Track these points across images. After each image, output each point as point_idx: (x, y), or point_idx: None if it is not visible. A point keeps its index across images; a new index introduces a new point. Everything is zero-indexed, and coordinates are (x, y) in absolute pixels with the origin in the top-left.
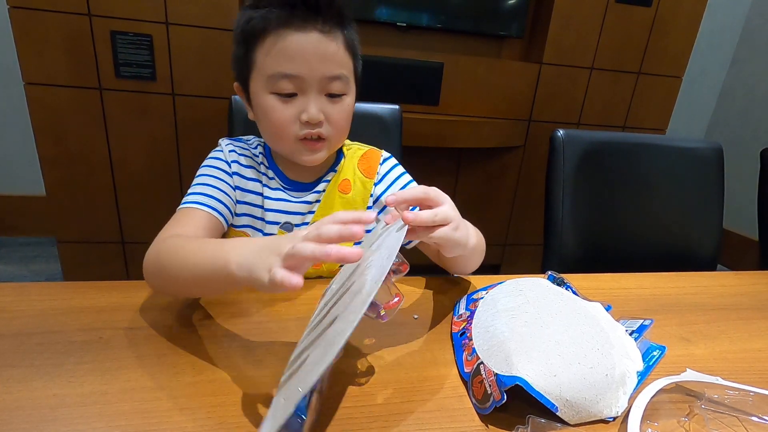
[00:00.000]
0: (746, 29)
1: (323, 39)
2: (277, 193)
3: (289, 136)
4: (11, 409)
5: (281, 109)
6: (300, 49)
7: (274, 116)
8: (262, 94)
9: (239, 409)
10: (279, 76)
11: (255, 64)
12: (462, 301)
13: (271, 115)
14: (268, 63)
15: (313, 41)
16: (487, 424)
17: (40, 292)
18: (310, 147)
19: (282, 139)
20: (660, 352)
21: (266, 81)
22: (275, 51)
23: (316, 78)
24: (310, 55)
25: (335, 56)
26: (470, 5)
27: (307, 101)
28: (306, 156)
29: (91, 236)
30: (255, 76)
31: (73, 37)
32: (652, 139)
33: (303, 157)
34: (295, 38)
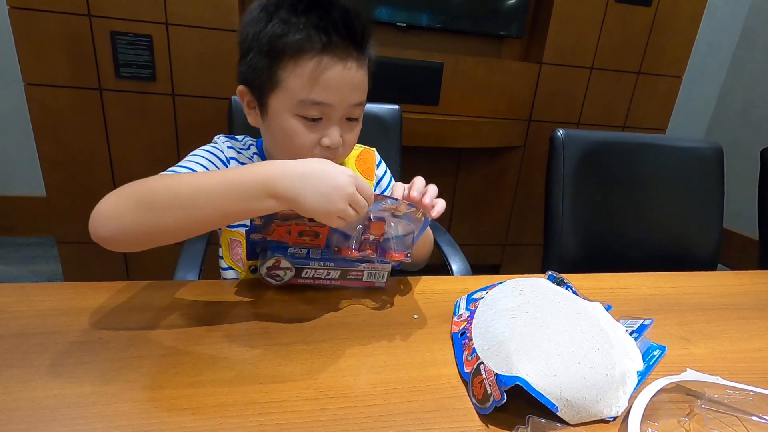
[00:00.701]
0: (746, 29)
1: (357, 69)
2: None
3: (306, 153)
4: (11, 409)
5: (304, 133)
6: (339, 80)
7: (296, 140)
8: (285, 114)
9: (239, 409)
10: (310, 103)
11: (282, 84)
12: (462, 301)
13: (294, 139)
14: (300, 87)
15: (350, 71)
16: (487, 424)
17: (40, 292)
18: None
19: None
20: (660, 351)
21: (295, 104)
22: (312, 78)
23: (344, 106)
24: (345, 85)
25: (362, 84)
26: (470, 5)
27: (330, 127)
28: None
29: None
30: (280, 94)
31: (73, 38)
32: (652, 139)
33: None
34: (335, 69)
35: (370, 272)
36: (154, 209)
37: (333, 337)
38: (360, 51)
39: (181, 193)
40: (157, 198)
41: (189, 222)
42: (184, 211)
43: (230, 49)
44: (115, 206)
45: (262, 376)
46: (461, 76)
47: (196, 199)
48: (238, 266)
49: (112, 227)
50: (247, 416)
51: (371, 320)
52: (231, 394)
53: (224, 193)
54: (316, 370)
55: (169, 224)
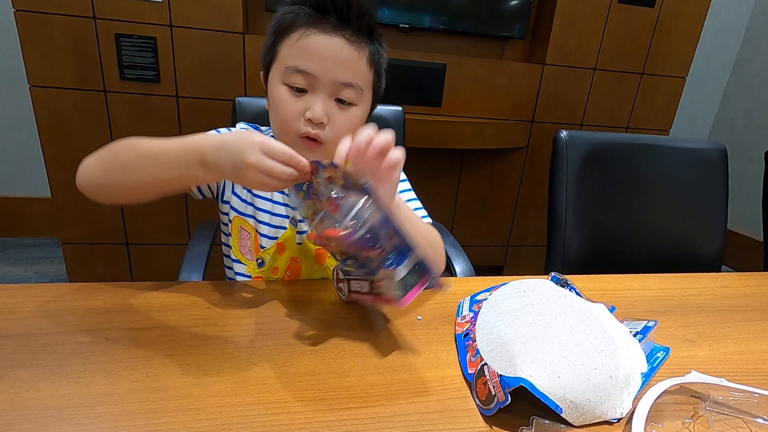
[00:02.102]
0: (750, 29)
1: (346, 45)
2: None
3: (291, 130)
4: (19, 409)
5: (290, 101)
6: (320, 49)
7: (281, 107)
8: (276, 83)
9: (244, 409)
10: (293, 69)
11: (277, 55)
12: (465, 303)
13: (279, 107)
14: (287, 55)
15: (335, 45)
16: (491, 425)
17: (46, 293)
18: (308, 145)
19: (286, 133)
20: (664, 353)
21: (282, 72)
22: (296, 45)
23: (328, 80)
24: (328, 56)
25: (354, 65)
26: (473, 6)
27: (315, 100)
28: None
29: (95, 238)
30: (275, 65)
31: (78, 40)
32: (656, 140)
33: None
34: (318, 39)
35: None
36: (114, 168)
37: (337, 339)
38: (354, 32)
39: (136, 156)
40: (117, 158)
41: (138, 183)
42: (135, 173)
43: (234, 51)
44: (89, 162)
45: (267, 376)
46: (464, 78)
47: (145, 162)
48: (246, 258)
49: (83, 179)
50: (252, 416)
51: (375, 322)
52: (236, 394)
53: (166, 159)
54: (320, 371)
55: (122, 183)
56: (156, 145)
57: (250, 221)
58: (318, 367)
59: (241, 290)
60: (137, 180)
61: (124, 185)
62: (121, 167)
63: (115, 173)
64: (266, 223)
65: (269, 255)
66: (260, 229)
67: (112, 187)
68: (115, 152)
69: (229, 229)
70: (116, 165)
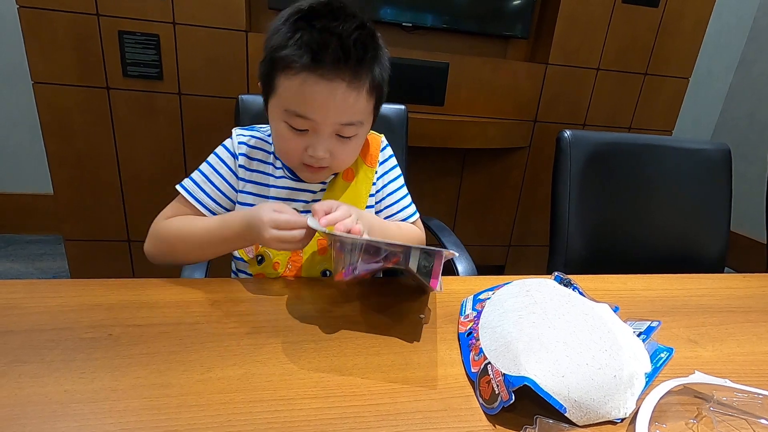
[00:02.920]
0: (754, 29)
1: (347, 90)
2: (282, 181)
3: (294, 160)
4: (23, 404)
5: (291, 138)
6: (319, 98)
7: (283, 144)
8: (277, 117)
9: (247, 406)
10: (293, 114)
11: (275, 90)
12: (468, 301)
13: (281, 141)
14: (286, 97)
15: (335, 92)
16: (494, 424)
17: (50, 289)
18: (312, 170)
19: (288, 161)
20: (668, 353)
21: (281, 111)
22: (296, 91)
23: (329, 124)
24: (328, 104)
25: (354, 106)
26: (475, 5)
27: (316, 140)
28: (307, 176)
29: (97, 234)
30: (274, 99)
31: (81, 37)
32: (659, 140)
33: (303, 176)
34: (318, 87)
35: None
36: (170, 250)
37: (340, 336)
38: (354, 74)
39: (190, 247)
40: (170, 242)
41: (194, 256)
42: (190, 251)
43: (237, 49)
44: (149, 242)
45: (270, 374)
46: (467, 77)
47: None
48: (246, 255)
49: (149, 253)
50: (256, 413)
51: (378, 320)
52: (239, 391)
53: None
54: (323, 369)
55: (180, 257)
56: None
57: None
58: (321, 365)
59: (244, 287)
60: (192, 255)
61: (181, 259)
62: (181, 255)
63: (173, 251)
64: None
65: (269, 250)
66: None
67: (171, 260)
68: (166, 238)
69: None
70: (172, 247)
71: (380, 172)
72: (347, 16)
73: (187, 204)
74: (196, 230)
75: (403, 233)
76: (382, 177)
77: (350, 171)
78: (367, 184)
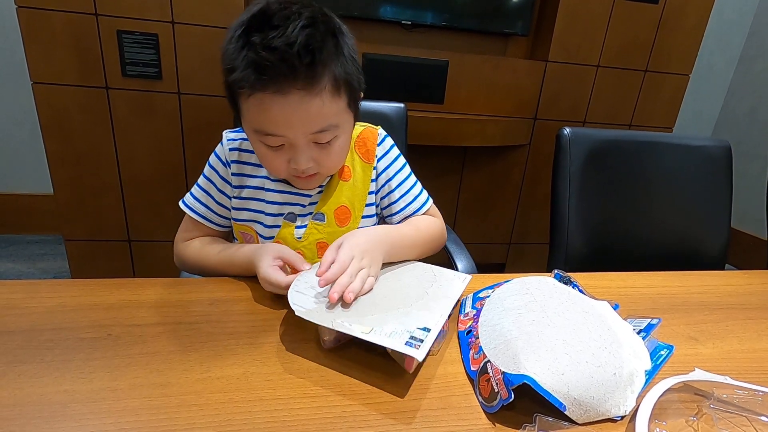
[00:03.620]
0: (754, 26)
1: (304, 98)
2: (278, 184)
3: (280, 174)
4: (23, 404)
5: (271, 156)
6: (280, 114)
7: (266, 162)
8: (251, 138)
9: (247, 405)
10: (263, 133)
11: (241, 112)
12: (468, 300)
13: (263, 160)
14: (251, 119)
15: (293, 104)
16: (494, 422)
17: (49, 289)
18: (303, 180)
19: (275, 175)
20: (668, 351)
21: (253, 132)
22: (256, 111)
23: (301, 136)
24: (292, 118)
25: (319, 113)
26: (475, 3)
27: (294, 153)
28: (301, 184)
29: (97, 234)
30: (243, 120)
31: (80, 37)
32: (659, 137)
33: (298, 185)
34: (274, 104)
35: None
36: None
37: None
38: (308, 82)
39: (203, 268)
40: (190, 268)
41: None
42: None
43: None
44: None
45: (270, 373)
46: (466, 75)
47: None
48: None
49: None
50: (255, 413)
51: None
52: (239, 390)
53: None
54: (323, 368)
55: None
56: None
57: (250, 225)
58: (321, 364)
59: (243, 287)
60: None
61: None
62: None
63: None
64: (261, 223)
65: None
66: (258, 230)
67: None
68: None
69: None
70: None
71: (380, 167)
72: (288, 19)
73: (194, 221)
74: (210, 263)
75: (421, 234)
76: (384, 171)
77: (347, 169)
78: (365, 181)
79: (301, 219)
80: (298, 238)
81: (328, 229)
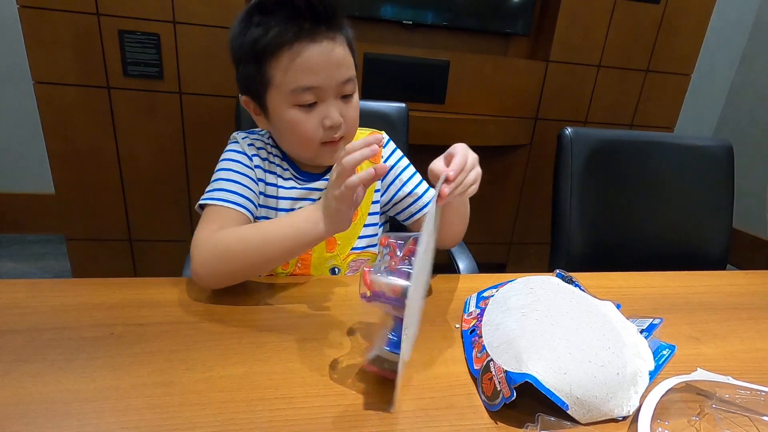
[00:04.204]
0: (756, 26)
1: (334, 46)
2: (289, 182)
3: (314, 143)
4: (26, 403)
5: (305, 119)
6: (318, 60)
7: (300, 128)
8: (284, 108)
9: (249, 404)
10: (301, 90)
11: (272, 81)
12: (472, 299)
13: (298, 128)
14: (288, 79)
15: (326, 50)
16: (496, 421)
17: (52, 288)
18: (331, 148)
19: (307, 148)
20: (670, 351)
21: (288, 95)
22: (294, 66)
23: (333, 85)
24: (326, 64)
25: (345, 60)
26: (476, 3)
27: (327, 108)
28: (328, 157)
29: (99, 234)
30: (273, 92)
31: (82, 37)
32: (661, 137)
33: (325, 160)
34: (311, 51)
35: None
36: (234, 261)
37: (342, 334)
38: (331, 29)
39: (253, 248)
40: (233, 255)
41: (260, 262)
42: (257, 259)
43: None
44: (203, 262)
45: (272, 372)
46: (467, 74)
47: (266, 250)
48: None
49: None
50: (257, 412)
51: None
52: (241, 389)
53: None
54: (324, 367)
55: (246, 267)
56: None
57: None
58: (323, 363)
59: (245, 286)
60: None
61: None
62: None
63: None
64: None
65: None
66: None
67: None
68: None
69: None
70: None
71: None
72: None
73: (229, 213)
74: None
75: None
76: (390, 171)
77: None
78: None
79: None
80: None
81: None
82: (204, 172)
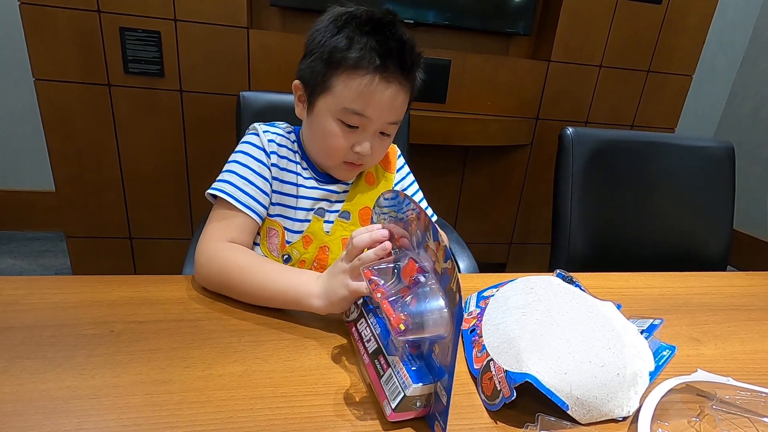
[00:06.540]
0: (757, 27)
1: (400, 92)
2: (310, 181)
3: (337, 158)
4: (25, 400)
5: (341, 135)
6: (380, 99)
7: (332, 140)
8: (328, 115)
9: (248, 403)
10: (351, 112)
11: (332, 89)
12: (472, 299)
13: (330, 139)
14: (346, 96)
15: (392, 94)
16: (496, 421)
17: (51, 285)
18: (350, 168)
19: (330, 158)
20: (670, 351)
21: (338, 109)
22: (358, 91)
23: (380, 122)
24: (385, 105)
25: (401, 107)
26: (478, 2)
27: (364, 137)
28: (343, 174)
29: (99, 231)
30: (327, 97)
31: (83, 34)
32: (662, 137)
33: (339, 174)
34: (379, 88)
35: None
36: (230, 289)
37: (342, 333)
38: (406, 78)
39: (249, 286)
40: (232, 283)
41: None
42: (250, 298)
43: (238, 45)
44: (206, 278)
45: (272, 370)
46: (468, 74)
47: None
48: (273, 255)
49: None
50: (257, 410)
51: None
52: (241, 388)
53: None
54: (324, 365)
55: (243, 298)
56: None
57: (277, 219)
58: (322, 362)
59: None
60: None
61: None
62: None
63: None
64: (291, 218)
65: (296, 249)
66: (286, 225)
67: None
68: (228, 277)
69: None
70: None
71: (397, 178)
72: (399, 27)
73: (233, 209)
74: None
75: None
76: (400, 183)
77: (371, 176)
78: (387, 187)
79: (328, 215)
80: (327, 231)
81: (352, 228)
82: (205, 170)
